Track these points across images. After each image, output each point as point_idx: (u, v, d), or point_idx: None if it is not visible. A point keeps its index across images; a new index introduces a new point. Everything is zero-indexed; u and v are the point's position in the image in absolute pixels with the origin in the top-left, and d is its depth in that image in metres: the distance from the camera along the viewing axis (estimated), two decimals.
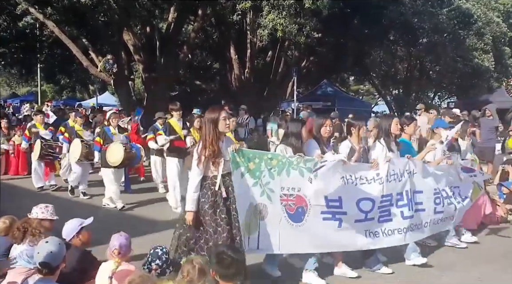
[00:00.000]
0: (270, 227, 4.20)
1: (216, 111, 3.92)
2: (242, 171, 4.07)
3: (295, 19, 12.15)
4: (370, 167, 4.68)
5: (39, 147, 8.78)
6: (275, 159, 4.22)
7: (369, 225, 4.66)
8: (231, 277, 2.74)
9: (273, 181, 4.17)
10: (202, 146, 3.87)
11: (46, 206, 4.07)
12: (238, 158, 4.05)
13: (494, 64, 20.88)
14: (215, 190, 3.86)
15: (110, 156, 7.46)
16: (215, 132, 3.85)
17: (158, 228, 6.44)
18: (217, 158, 3.83)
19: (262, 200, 4.17)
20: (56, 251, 2.76)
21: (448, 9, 19.69)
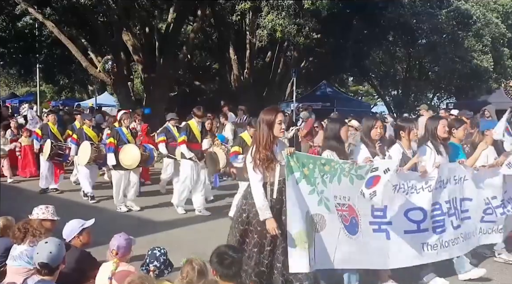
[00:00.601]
0: (327, 240, 3.77)
1: (272, 113, 3.62)
2: (297, 177, 3.67)
3: (294, 20, 12.17)
4: (419, 175, 4.21)
5: (49, 148, 8.62)
6: (328, 165, 3.81)
7: (425, 237, 4.21)
8: (231, 277, 2.75)
9: (326, 189, 3.78)
10: (255, 149, 3.58)
11: (46, 206, 4.06)
12: (293, 163, 3.66)
13: (493, 65, 20.92)
14: (269, 198, 3.57)
15: (125, 159, 7.26)
16: (269, 135, 3.56)
17: (159, 229, 6.46)
18: (271, 163, 3.55)
19: (319, 209, 3.74)
20: (55, 252, 2.76)
21: (447, 10, 19.72)
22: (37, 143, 9.35)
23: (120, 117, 7.92)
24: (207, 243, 4.17)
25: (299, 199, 3.63)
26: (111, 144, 7.52)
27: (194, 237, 6.11)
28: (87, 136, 8.37)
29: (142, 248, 4.12)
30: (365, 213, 3.94)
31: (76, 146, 8.43)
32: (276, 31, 12.22)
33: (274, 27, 12.16)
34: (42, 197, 8.35)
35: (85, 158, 7.94)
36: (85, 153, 7.98)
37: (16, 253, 3.49)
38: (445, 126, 4.63)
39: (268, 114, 3.64)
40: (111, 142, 7.56)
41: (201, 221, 6.97)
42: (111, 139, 7.62)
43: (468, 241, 4.53)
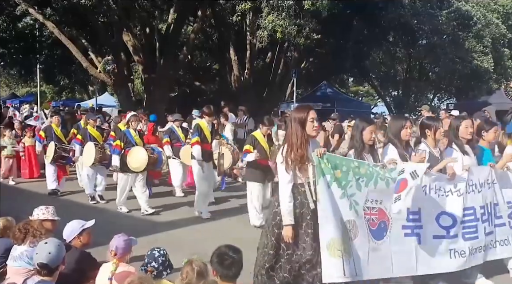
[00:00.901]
0: (360, 248, 3.55)
1: (304, 111, 3.49)
2: (329, 180, 3.46)
3: (295, 21, 12.17)
4: (447, 178, 4.02)
5: (53, 150, 8.43)
6: (363, 168, 3.62)
7: (454, 243, 4.00)
8: (231, 277, 2.75)
9: (360, 193, 3.57)
10: (288, 149, 3.43)
11: (47, 207, 4.06)
12: (324, 165, 3.46)
13: (493, 66, 20.92)
14: (302, 200, 3.43)
15: (132, 161, 7.09)
16: (303, 134, 3.42)
17: (160, 229, 6.46)
18: (304, 164, 3.40)
19: (350, 215, 3.53)
20: (54, 253, 2.75)
21: (447, 11, 19.72)
22: (39, 145, 9.23)
23: (128, 119, 7.72)
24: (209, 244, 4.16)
25: (331, 203, 3.45)
26: (117, 147, 7.36)
27: (195, 238, 6.11)
28: (91, 137, 8.25)
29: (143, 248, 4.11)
30: (399, 216, 3.72)
31: (80, 146, 8.30)
32: (277, 31, 12.22)
33: (275, 28, 12.16)
34: (43, 197, 8.31)
35: (89, 159, 7.82)
36: (89, 154, 7.84)
37: (17, 254, 3.49)
38: (468, 126, 4.36)
39: (300, 112, 3.52)
40: (117, 144, 7.41)
41: (202, 221, 6.96)
42: (117, 141, 7.45)
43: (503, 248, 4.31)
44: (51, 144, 8.57)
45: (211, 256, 2.81)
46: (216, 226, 6.75)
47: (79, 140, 8.40)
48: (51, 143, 8.58)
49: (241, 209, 7.32)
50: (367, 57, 21.24)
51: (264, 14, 12.53)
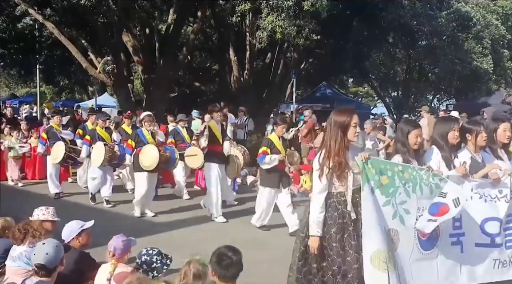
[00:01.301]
0: (402, 259, 3.31)
1: (348, 115, 3.26)
2: (372, 187, 3.23)
3: (294, 21, 12.16)
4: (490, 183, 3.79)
5: (63, 151, 8.14)
6: (406, 172, 3.35)
7: (498, 252, 3.70)
8: (229, 278, 2.75)
9: (410, 199, 3.29)
10: (325, 156, 3.22)
11: (47, 208, 4.06)
12: (369, 170, 3.24)
13: (492, 67, 20.95)
14: (343, 209, 3.23)
15: (144, 160, 7.00)
16: (343, 140, 3.22)
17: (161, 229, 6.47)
18: (344, 171, 3.20)
19: (393, 224, 3.28)
20: (52, 253, 2.75)
21: (447, 12, 19.74)
22: (42, 147, 9.00)
23: (142, 118, 7.63)
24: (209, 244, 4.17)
25: (375, 211, 3.21)
26: (129, 146, 7.31)
27: (195, 238, 6.13)
28: (99, 137, 8.15)
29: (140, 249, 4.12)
30: (447, 224, 3.48)
31: (88, 147, 8.17)
32: (276, 32, 12.21)
33: (274, 29, 12.15)
34: (43, 198, 8.29)
35: (99, 159, 7.68)
36: (99, 154, 7.71)
37: (16, 254, 3.49)
38: (507, 130, 4.13)
39: (343, 115, 3.27)
40: (129, 144, 7.35)
41: (203, 222, 6.96)
42: (129, 140, 7.40)
43: None
44: (59, 144, 8.29)
45: (211, 256, 2.81)
46: (217, 227, 6.75)
47: (87, 140, 8.27)
48: (60, 143, 8.31)
49: (243, 210, 7.34)
50: (366, 58, 21.24)
51: (263, 14, 12.53)
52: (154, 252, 3.27)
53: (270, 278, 4.83)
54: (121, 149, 7.85)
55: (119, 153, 7.75)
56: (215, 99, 19.79)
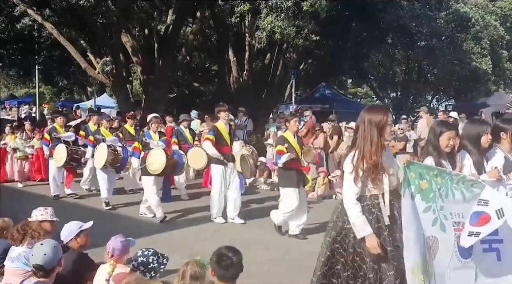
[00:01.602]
0: (440, 268, 3.12)
1: (383, 113, 3.07)
2: (413, 192, 3.05)
3: (294, 22, 12.17)
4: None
5: (65, 153, 7.99)
6: (440, 176, 3.12)
7: None
8: (229, 278, 2.74)
9: (445, 205, 3.12)
10: (359, 157, 3.02)
11: (45, 208, 4.05)
12: (409, 174, 3.04)
13: (491, 68, 20.99)
14: (377, 213, 3.04)
15: (151, 164, 6.85)
16: (379, 140, 3.03)
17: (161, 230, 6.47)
18: (379, 173, 3.02)
19: (433, 231, 3.06)
20: (50, 254, 2.74)
21: (446, 13, 19.79)
22: (46, 148, 8.84)
23: (149, 120, 7.43)
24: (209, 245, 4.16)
25: (416, 218, 3.04)
26: (136, 149, 7.15)
27: (195, 238, 6.12)
28: (103, 138, 8.02)
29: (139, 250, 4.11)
30: None
31: (92, 148, 8.02)
32: (275, 33, 12.22)
33: (273, 29, 12.16)
34: (43, 199, 8.27)
35: (101, 161, 7.54)
36: (101, 155, 7.57)
37: (14, 255, 3.48)
38: None
39: (378, 113, 3.07)
40: (136, 146, 7.20)
41: (204, 222, 6.95)
42: (136, 143, 7.26)
43: None
44: (61, 146, 8.15)
45: (212, 256, 2.80)
46: (217, 227, 6.75)
47: (91, 141, 8.13)
48: (61, 145, 8.16)
49: (243, 211, 7.32)
50: (366, 59, 21.25)
51: (262, 15, 12.53)
52: (149, 252, 3.26)
53: (270, 278, 4.83)
54: (125, 152, 7.70)
55: (122, 155, 7.62)
56: (214, 99, 19.78)
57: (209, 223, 6.89)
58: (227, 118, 7.02)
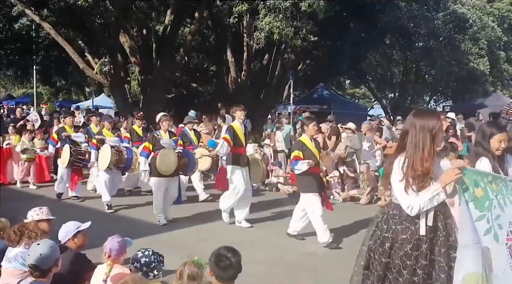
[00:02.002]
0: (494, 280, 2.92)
1: (435, 118, 2.88)
2: (467, 200, 2.86)
3: (292, 22, 12.18)
4: None
5: (68, 154, 7.94)
6: (494, 183, 2.94)
7: None
8: (227, 279, 2.74)
9: (503, 213, 2.92)
10: (409, 164, 2.82)
11: (40, 208, 4.02)
12: (464, 181, 2.85)
13: (489, 68, 21.04)
14: (420, 224, 2.85)
15: (161, 164, 6.66)
16: (432, 147, 2.83)
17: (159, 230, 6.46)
18: (426, 181, 2.81)
19: (486, 240, 2.86)
20: (46, 254, 2.73)
21: (443, 14, 19.84)
22: (52, 147, 8.78)
23: (159, 119, 7.19)
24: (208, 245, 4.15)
25: (470, 228, 2.85)
26: (146, 149, 6.94)
27: (196, 239, 6.11)
28: None
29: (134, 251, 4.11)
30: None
31: (96, 151, 7.89)
32: (273, 33, 12.23)
33: (272, 30, 12.17)
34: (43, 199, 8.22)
35: (105, 162, 7.41)
36: (105, 157, 7.43)
37: (11, 255, 3.47)
38: None
39: (430, 119, 2.88)
40: (146, 146, 6.99)
41: (203, 222, 6.95)
42: (146, 143, 7.05)
43: None
44: (66, 147, 8.08)
45: (210, 256, 2.80)
46: (216, 227, 6.74)
47: (94, 144, 7.96)
48: (66, 146, 8.10)
49: None
50: (363, 60, 21.31)
51: (261, 15, 12.54)
52: (150, 252, 3.26)
53: (270, 279, 4.83)
54: (129, 152, 7.59)
55: (126, 156, 7.47)
56: (212, 100, 19.81)
57: (209, 224, 6.89)
58: (243, 118, 6.81)
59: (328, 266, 5.24)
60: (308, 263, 5.34)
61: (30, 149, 9.62)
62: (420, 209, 2.78)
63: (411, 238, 2.84)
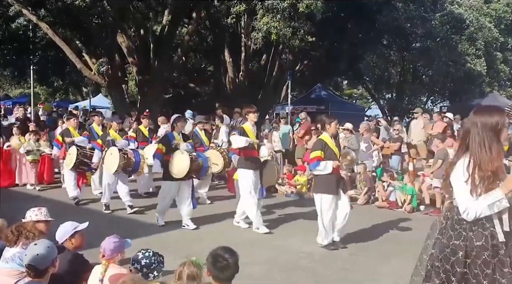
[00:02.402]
0: None
1: (497, 115, 2.69)
2: None
3: (289, 23, 12.20)
4: None
5: (74, 156, 7.77)
6: None
7: None
8: (224, 280, 2.74)
9: None
10: (475, 164, 2.63)
11: (39, 208, 4.03)
12: None
13: (486, 69, 21.10)
14: (492, 229, 2.64)
15: (174, 167, 6.48)
16: (498, 145, 2.65)
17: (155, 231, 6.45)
18: (494, 183, 2.62)
19: None
20: (43, 254, 2.73)
21: (440, 14, 19.89)
22: (57, 150, 8.57)
23: (174, 121, 6.93)
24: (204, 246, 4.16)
25: None
26: (159, 151, 6.66)
27: (193, 239, 6.11)
28: (113, 141, 7.64)
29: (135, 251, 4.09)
30: None
31: (100, 152, 7.70)
32: (271, 33, 12.24)
33: (269, 30, 12.18)
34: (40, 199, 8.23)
35: (113, 166, 7.19)
36: (113, 160, 7.19)
37: (9, 255, 3.47)
38: None
39: (493, 115, 2.69)
40: (159, 148, 6.71)
41: (200, 223, 6.93)
42: (159, 145, 6.82)
43: None
44: (72, 149, 7.91)
45: (208, 256, 2.80)
46: (214, 229, 6.74)
47: (99, 145, 7.78)
48: (73, 148, 7.91)
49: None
50: (361, 60, 21.35)
51: (258, 16, 12.55)
52: (150, 253, 3.27)
53: (266, 279, 4.83)
54: (137, 155, 7.41)
55: (134, 159, 7.29)
56: (210, 100, 19.80)
57: (204, 225, 6.88)
58: (256, 120, 6.60)
59: (326, 266, 5.25)
60: (303, 264, 5.34)
61: (35, 150, 9.41)
62: (476, 215, 2.59)
63: (486, 244, 2.62)
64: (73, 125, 8.50)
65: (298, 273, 5.05)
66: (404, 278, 4.97)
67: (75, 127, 8.49)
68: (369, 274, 5.02)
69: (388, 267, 5.23)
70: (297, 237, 6.32)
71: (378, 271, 5.12)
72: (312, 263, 5.36)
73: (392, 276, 4.95)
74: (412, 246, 6.04)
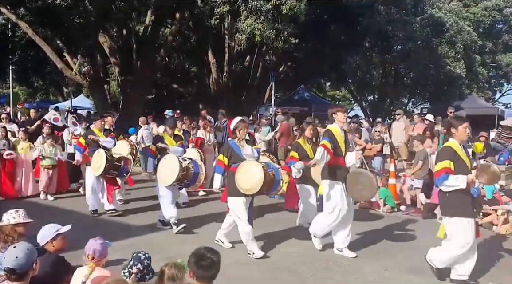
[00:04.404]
0: None
1: None
2: None
3: (273, 25, 12.27)
4: None
5: (104, 160, 6.90)
6: None
7: None
8: (208, 279, 2.75)
9: None
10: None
11: (16, 210, 3.93)
12: None
13: (465, 71, 21.54)
14: None
15: (242, 180, 5.26)
16: None
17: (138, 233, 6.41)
18: None
19: None
20: (22, 257, 2.69)
21: (421, 18, 20.25)
22: (79, 154, 7.85)
23: (235, 126, 5.66)
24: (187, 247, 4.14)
25: None
26: (221, 163, 5.55)
27: (173, 241, 6.08)
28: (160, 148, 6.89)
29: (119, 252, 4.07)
30: None
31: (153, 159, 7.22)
32: (255, 35, 12.29)
33: (253, 31, 12.23)
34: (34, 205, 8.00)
35: (170, 177, 6.11)
36: (171, 171, 6.10)
37: None
38: None
39: None
40: (220, 160, 5.59)
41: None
42: (220, 156, 5.63)
43: None
44: (100, 152, 7.06)
45: (189, 257, 2.81)
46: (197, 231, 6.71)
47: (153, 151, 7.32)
48: (101, 151, 7.06)
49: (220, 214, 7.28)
50: (344, 62, 21.56)
51: (242, 17, 12.59)
52: (147, 255, 3.25)
53: (249, 280, 4.85)
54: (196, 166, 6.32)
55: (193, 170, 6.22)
56: (193, 101, 19.74)
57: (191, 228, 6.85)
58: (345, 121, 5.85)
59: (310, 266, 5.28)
60: (287, 264, 5.36)
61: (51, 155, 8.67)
62: None
63: None
64: (98, 127, 7.57)
65: (280, 272, 5.07)
66: (390, 270, 5.07)
67: (100, 129, 7.55)
68: (353, 273, 5.07)
69: (370, 266, 5.29)
70: (280, 237, 6.35)
71: (361, 270, 5.17)
72: (296, 264, 5.39)
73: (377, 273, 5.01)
74: (394, 245, 6.16)
